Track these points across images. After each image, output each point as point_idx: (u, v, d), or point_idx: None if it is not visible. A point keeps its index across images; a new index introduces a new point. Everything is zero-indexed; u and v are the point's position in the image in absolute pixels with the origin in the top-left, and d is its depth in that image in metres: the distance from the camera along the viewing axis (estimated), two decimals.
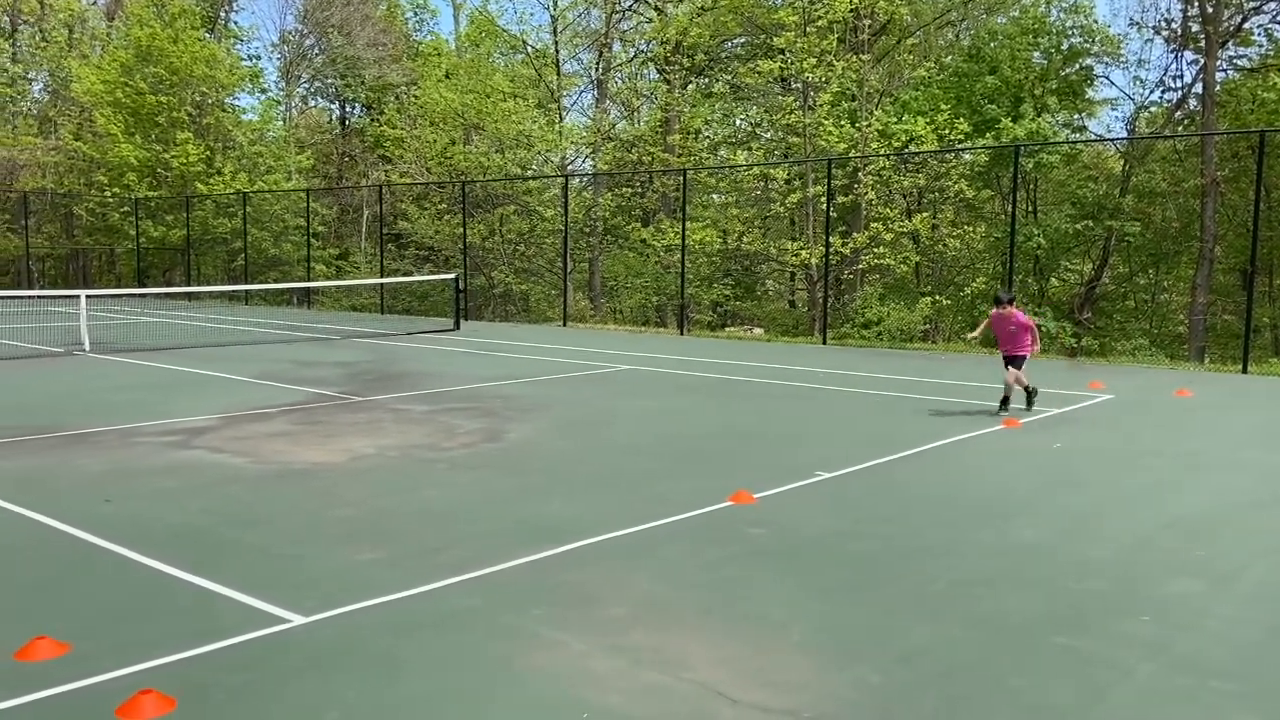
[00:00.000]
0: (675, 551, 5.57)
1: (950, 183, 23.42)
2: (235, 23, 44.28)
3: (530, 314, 29.17)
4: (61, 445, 8.33)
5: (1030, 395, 10.52)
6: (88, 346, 15.96)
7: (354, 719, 3.56)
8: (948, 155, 23.57)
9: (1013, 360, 10.35)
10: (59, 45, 41.04)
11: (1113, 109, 28.89)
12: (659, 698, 3.73)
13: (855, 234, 23.36)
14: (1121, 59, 26.53)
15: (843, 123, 24.27)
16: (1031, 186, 25.95)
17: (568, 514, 6.33)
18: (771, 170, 25.66)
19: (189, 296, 31.44)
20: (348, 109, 44.35)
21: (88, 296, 17.58)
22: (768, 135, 29.35)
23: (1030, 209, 25.89)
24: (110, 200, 35.17)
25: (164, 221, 34.37)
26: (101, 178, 35.48)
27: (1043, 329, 21.61)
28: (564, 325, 24.04)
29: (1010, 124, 23.44)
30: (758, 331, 24.44)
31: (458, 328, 21.46)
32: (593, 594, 4.84)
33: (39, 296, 29.28)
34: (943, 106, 23.86)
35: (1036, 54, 25.17)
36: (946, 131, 23.28)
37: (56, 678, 3.81)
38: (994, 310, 10.52)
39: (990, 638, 4.38)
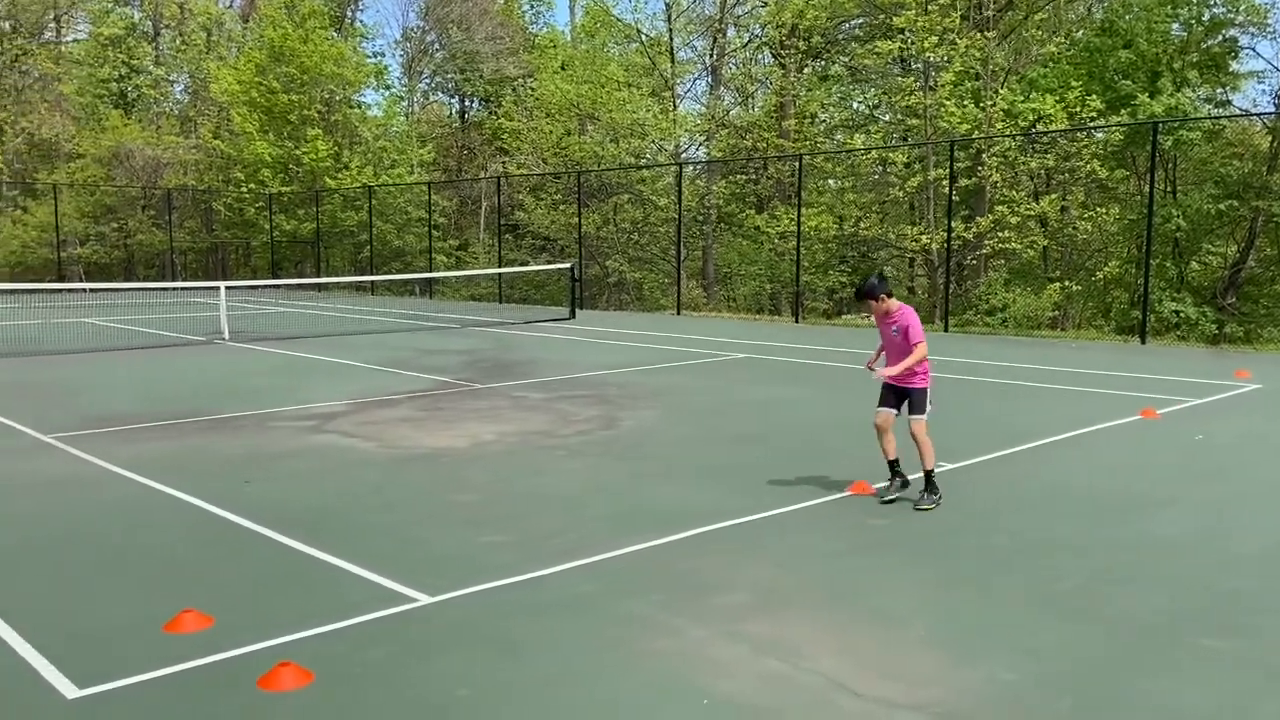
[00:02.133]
0: (793, 541, 5.51)
1: (1081, 163, 22.41)
2: (361, 21, 45.86)
3: (644, 302, 29.31)
4: (205, 429, 8.80)
5: (930, 480, 6.23)
6: (227, 335, 16.81)
7: (484, 696, 3.66)
8: (1079, 134, 22.55)
9: (900, 395, 6.27)
10: (198, 48, 43.27)
11: (1259, 82, 26.99)
12: (779, 687, 3.70)
13: (978, 218, 22.62)
14: (1269, 29, 24.84)
15: (966, 103, 23.49)
16: (1170, 165, 24.59)
17: (683, 501, 6.34)
18: (890, 154, 25.06)
19: (319, 287, 32.74)
20: (466, 103, 45.36)
21: (227, 288, 18.52)
22: (886, 118, 28.67)
23: (1169, 189, 24.55)
24: (246, 196, 36.91)
25: (295, 215, 35.90)
26: (238, 174, 37.27)
27: (1180, 315, 20.54)
28: (677, 313, 24.07)
29: (1147, 100, 22.24)
30: None
31: (573, 316, 21.73)
32: (710, 581, 4.84)
33: (182, 288, 30.98)
34: (1073, 83, 22.81)
35: (1175, 26, 23.79)
36: (1077, 109, 22.26)
37: (202, 649, 4.02)
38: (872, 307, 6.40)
39: (1127, 636, 4.19)
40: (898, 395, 6.29)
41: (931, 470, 6.24)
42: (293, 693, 3.65)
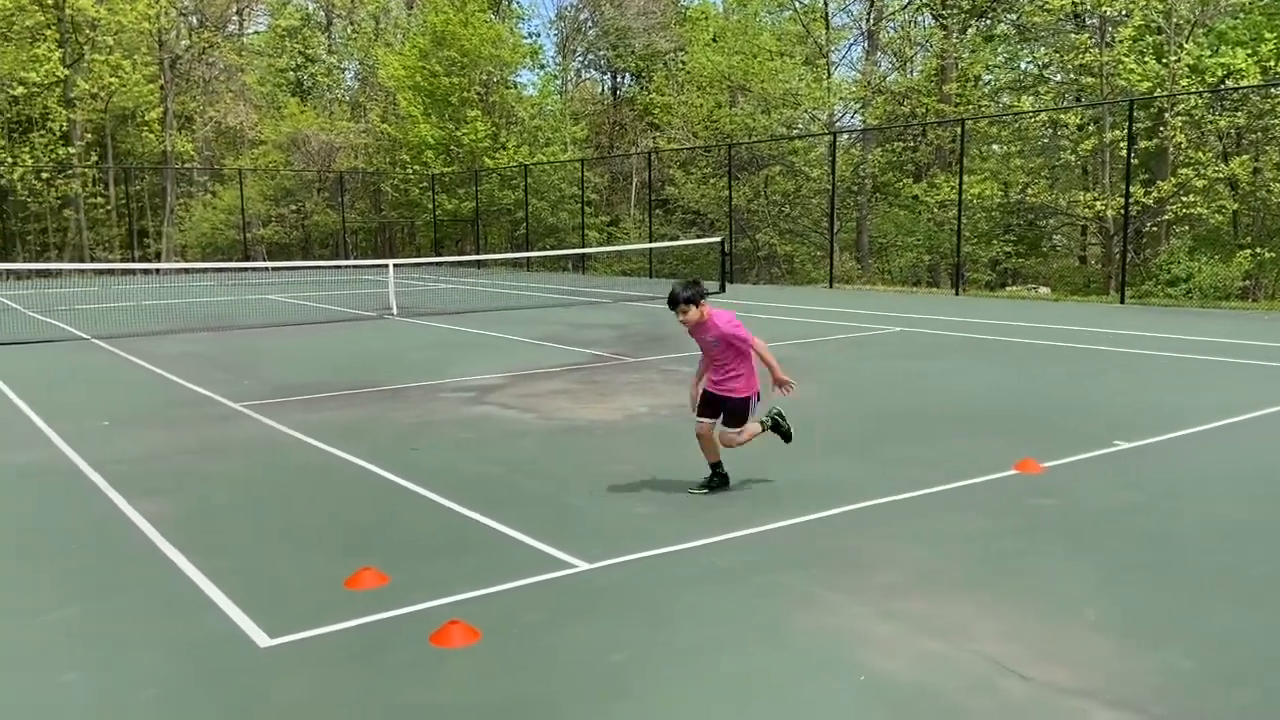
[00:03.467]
0: (954, 520, 5.36)
1: (1276, 120, 20.64)
2: (517, 3, 46.82)
3: (795, 276, 28.93)
4: (378, 399, 9.28)
5: (716, 474, 5.92)
6: (395, 311, 17.64)
7: (638, 661, 3.74)
8: (1273, 90, 20.75)
9: (717, 406, 5.81)
10: (367, 35, 45.26)
11: None
12: (940, 666, 3.63)
13: (1160, 181, 21.19)
14: None
15: (1146, 59, 21.99)
16: None
17: (838, 477, 6.26)
18: (1062, 115, 23.76)
19: (478, 264, 33.86)
20: (618, 79, 45.72)
21: (394, 265, 19.41)
22: (1057, 78, 27.16)
23: None
24: (411, 177, 38.49)
25: (456, 195, 37.20)
26: (404, 156, 38.90)
27: None
28: (830, 287, 23.65)
29: None
30: (1043, 290, 22.84)
31: (723, 290, 21.68)
32: (866, 558, 4.78)
33: (354, 266, 32.65)
34: (1267, 35, 21.00)
35: None
36: (1272, 63, 20.49)
37: (379, 605, 4.27)
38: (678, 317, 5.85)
39: None
40: (714, 404, 5.78)
41: (718, 462, 5.87)
42: (462, 649, 3.83)
